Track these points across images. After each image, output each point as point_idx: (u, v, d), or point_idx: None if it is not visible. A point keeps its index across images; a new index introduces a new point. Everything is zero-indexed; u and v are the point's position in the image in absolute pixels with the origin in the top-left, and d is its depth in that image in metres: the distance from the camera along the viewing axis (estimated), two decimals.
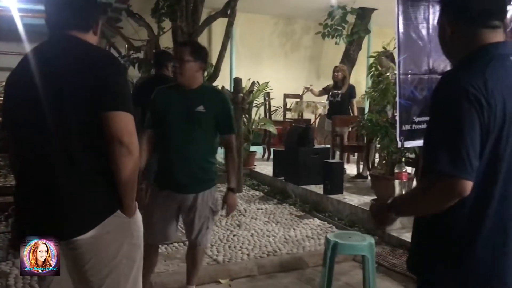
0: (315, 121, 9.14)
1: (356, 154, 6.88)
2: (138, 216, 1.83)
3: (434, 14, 3.21)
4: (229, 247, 4.19)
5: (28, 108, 1.71)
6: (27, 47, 6.98)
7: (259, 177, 6.82)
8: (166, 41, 7.46)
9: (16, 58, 1.86)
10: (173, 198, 2.84)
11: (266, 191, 6.28)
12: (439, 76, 3.53)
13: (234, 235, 4.51)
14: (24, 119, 1.74)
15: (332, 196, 5.26)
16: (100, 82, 1.64)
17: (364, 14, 9.00)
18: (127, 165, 1.67)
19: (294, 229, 4.77)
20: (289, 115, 9.35)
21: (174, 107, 2.79)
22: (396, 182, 4.62)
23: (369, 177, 5.64)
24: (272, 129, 7.48)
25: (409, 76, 3.15)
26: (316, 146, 6.58)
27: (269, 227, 4.79)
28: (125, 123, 1.66)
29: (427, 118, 3.45)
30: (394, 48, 4.40)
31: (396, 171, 4.65)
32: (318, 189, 5.54)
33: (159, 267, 3.71)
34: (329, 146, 6.97)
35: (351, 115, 6.89)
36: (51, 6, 1.78)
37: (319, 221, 5.04)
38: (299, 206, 5.51)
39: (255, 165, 7.31)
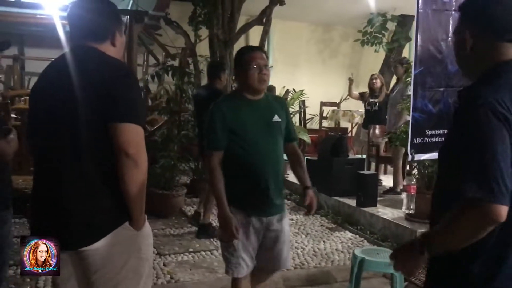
0: (351, 130, 8.98)
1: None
2: (147, 229, 1.81)
3: (455, 24, 3.07)
4: None
5: (44, 118, 1.76)
6: None
7: (291, 186, 6.73)
8: (203, 49, 7.54)
9: None
10: (261, 223, 2.52)
11: (297, 201, 6.19)
12: (457, 89, 3.40)
13: None
14: (41, 128, 1.78)
15: (365, 209, 5.10)
16: (110, 93, 1.64)
17: (405, 21, 8.79)
18: (135, 177, 1.66)
19: (324, 241, 4.66)
20: (325, 123, 9.23)
21: (252, 120, 2.48)
22: (404, 194, 4.45)
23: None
24: (306, 137, 7.38)
25: (424, 89, 3.03)
26: (351, 156, 6.44)
27: (298, 239, 4.70)
28: (132, 135, 1.64)
29: (440, 132, 3.33)
30: None
31: (404, 183, 4.49)
32: (351, 201, 5.40)
33: (184, 275, 3.71)
34: (364, 156, 6.80)
35: None
36: (70, 18, 1.82)
37: (351, 234, 4.91)
38: (331, 218, 5.39)
39: (287, 174, 7.21)
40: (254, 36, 8.36)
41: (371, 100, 6.69)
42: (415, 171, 4.74)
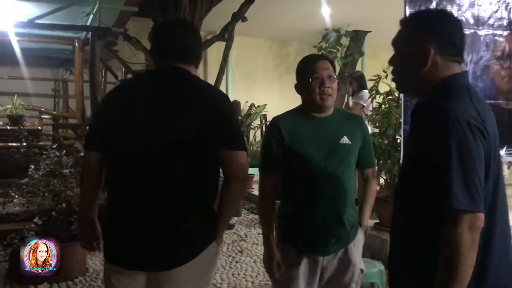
0: None
1: None
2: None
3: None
4: (233, 274, 4.11)
5: (135, 132, 1.73)
6: (24, 70, 6.97)
7: (257, 200, 6.75)
8: None
9: (11, 82, 1.83)
10: (316, 262, 2.11)
11: None
12: None
13: (236, 262, 4.43)
14: (126, 143, 1.74)
15: None
16: (226, 120, 1.73)
17: (358, 37, 9.11)
18: (239, 200, 1.84)
19: None
20: None
21: (313, 141, 2.09)
22: None
23: None
24: None
25: (414, 102, 3.16)
26: None
27: None
28: (244, 161, 1.74)
29: None
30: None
31: None
32: None
33: None
34: None
35: None
36: (163, 39, 1.86)
37: None
38: None
39: (253, 188, 7.24)
40: (212, 51, 8.39)
41: None
42: (382, 181, 4.89)
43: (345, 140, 2.11)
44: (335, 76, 2.11)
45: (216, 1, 7.17)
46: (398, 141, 4.40)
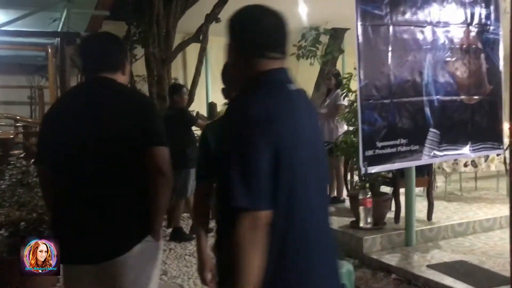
0: None
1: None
2: (161, 240, 2.03)
3: (394, 36, 3.18)
4: None
5: (69, 144, 1.88)
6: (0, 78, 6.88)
7: None
8: (140, 68, 7.40)
9: None
10: None
11: None
12: (402, 100, 3.55)
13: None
14: (64, 154, 1.89)
15: None
16: (146, 120, 1.88)
17: (337, 34, 9.10)
18: (166, 193, 1.90)
19: None
20: None
21: None
22: (361, 208, 4.36)
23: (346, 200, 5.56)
24: None
25: (370, 101, 3.11)
26: None
27: None
28: (165, 156, 1.89)
29: (390, 143, 3.45)
30: None
31: (360, 197, 4.38)
32: None
33: None
34: None
35: None
36: (86, 52, 2.04)
37: None
38: None
39: None
40: (191, 53, 8.34)
41: None
42: (356, 178, 4.87)
43: None
44: None
45: (190, 3, 7.13)
46: None
